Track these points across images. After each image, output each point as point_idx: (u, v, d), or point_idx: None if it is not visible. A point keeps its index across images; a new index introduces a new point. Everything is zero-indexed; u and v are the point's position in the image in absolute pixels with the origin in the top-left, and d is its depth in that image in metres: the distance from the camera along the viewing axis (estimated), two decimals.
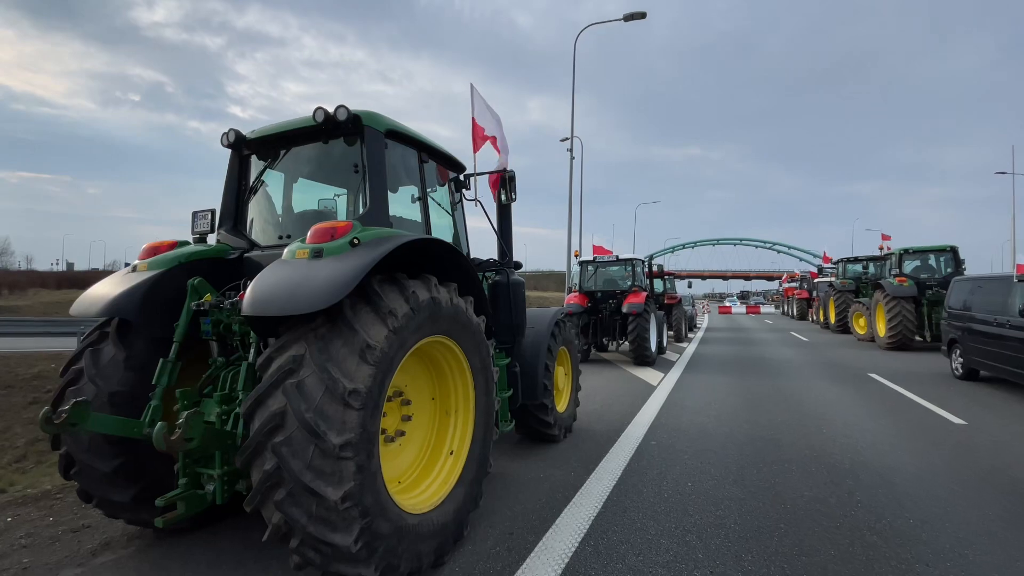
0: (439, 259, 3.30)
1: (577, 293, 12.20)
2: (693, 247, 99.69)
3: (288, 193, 3.88)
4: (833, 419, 6.28)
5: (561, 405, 5.42)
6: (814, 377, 9.52)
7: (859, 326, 16.75)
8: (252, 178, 3.82)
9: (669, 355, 13.11)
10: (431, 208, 3.97)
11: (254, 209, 3.84)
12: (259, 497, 2.36)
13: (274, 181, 3.88)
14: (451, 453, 3.31)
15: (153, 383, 2.88)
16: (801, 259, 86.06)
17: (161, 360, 2.91)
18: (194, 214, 3.71)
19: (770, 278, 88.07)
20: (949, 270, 13.91)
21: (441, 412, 3.42)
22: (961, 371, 8.96)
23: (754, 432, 5.66)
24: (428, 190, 3.96)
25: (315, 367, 2.32)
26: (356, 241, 2.65)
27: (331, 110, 3.24)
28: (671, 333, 17.11)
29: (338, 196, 3.91)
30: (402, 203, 3.88)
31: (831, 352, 13.61)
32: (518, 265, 4.89)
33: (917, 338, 13.58)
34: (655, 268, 15.71)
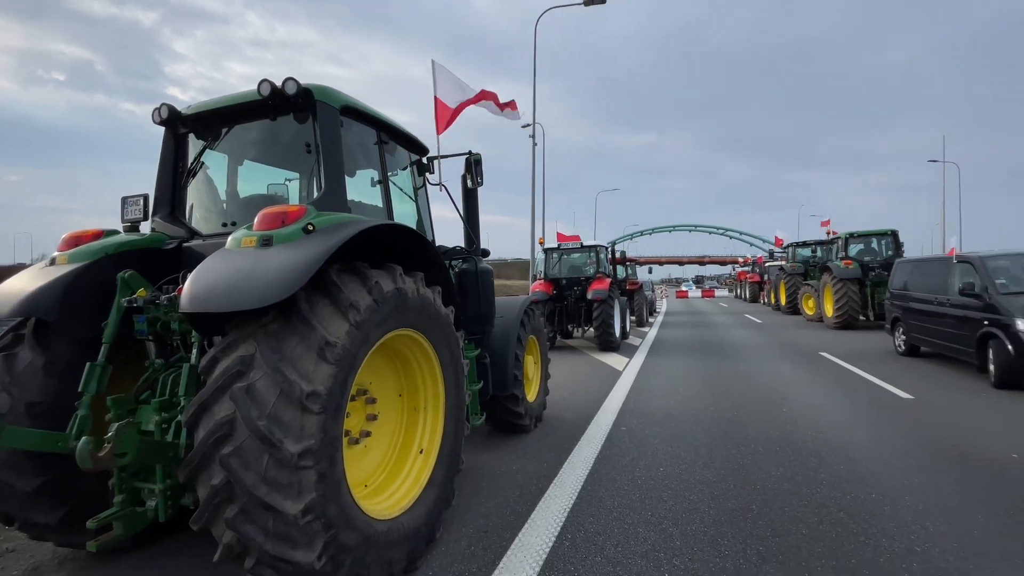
0: (403, 247, 3.09)
1: (543, 281, 12.15)
2: (651, 234, 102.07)
3: (233, 176, 3.54)
4: (792, 398, 6.48)
5: (531, 395, 5.32)
6: (770, 358, 9.85)
7: (808, 307, 17.53)
8: (190, 160, 3.46)
9: (632, 340, 13.31)
10: (393, 193, 3.73)
11: (194, 194, 3.49)
12: (207, 515, 2.12)
13: (216, 163, 3.54)
14: (421, 452, 3.14)
15: (80, 390, 2.55)
16: (751, 244, 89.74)
17: (88, 364, 2.58)
18: (124, 200, 3.33)
19: (723, 263, 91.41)
20: (890, 252, 14.70)
21: (409, 409, 3.24)
22: (904, 348, 9.48)
23: (719, 414, 5.75)
24: (389, 173, 3.71)
25: (267, 368, 2.09)
26: (310, 227, 2.41)
27: (279, 83, 2.94)
28: (633, 318, 17.40)
29: (289, 181, 3.61)
30: (361, 187, 3.63)
31: (784, 333, 14.17)
32: (486, 253, 4.72)
33: (861, 317, 14.32)
34: (617, 254, 15.88)
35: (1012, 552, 2.78)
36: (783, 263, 22.12)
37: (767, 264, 27.08)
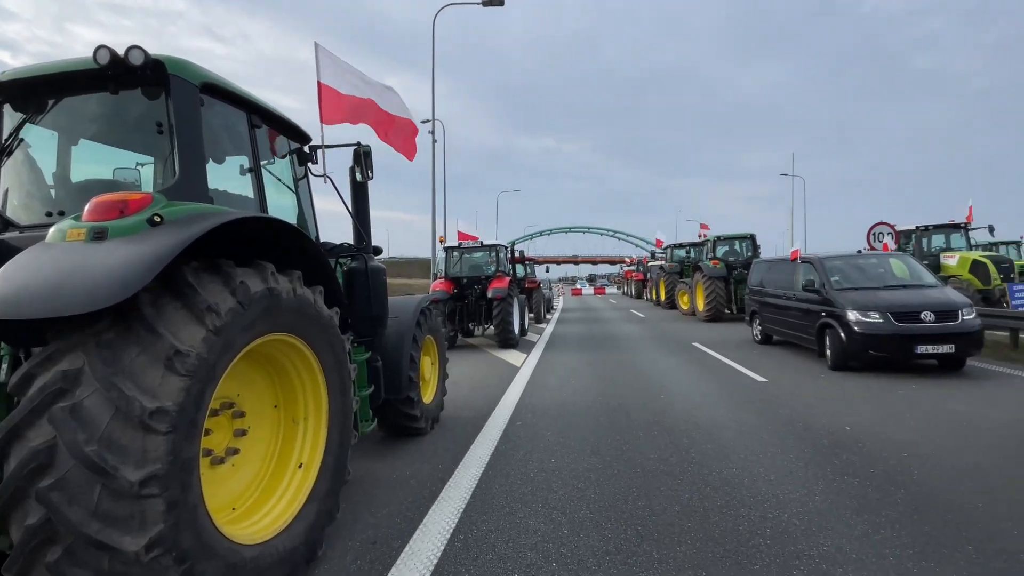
0: (279, 243, 2.83)
1: (443, 280, 12.01)
2: (549, 234, 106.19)
3: (64, 158, 2.99)
4: (669, 385, 7.09)
5: (428, 396, 5.21)
6: (651, 349, 10.71)
7: (683, 302, 19.37)
8: (6, 135, 2.86)
9: (531, 336, 13.69)
10: (269, 184, 3.41)
11: (10, 176, 2.89)
12: (22, 559, 1.76)
13: (42, 141, 2.96)
14: (300, 466, 2.90)
15: None
16: (637, 245, 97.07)
17: None
18: None
19: (613, 262, 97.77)
20: (749, 253, 16.81)
21: (287, 421, 2.98)
22: (759, 337, 10.83)
23: (607, 403, 6.11)
24: (265, 162, 3.38)
25: (98, 384, 1.77)
26: (158, 218, 2.10)
27: (121, 51, 2.53)
28: (532, 315, 17.92)
29: (142, 165, 3.13)
30: (229, 177, 3.26)
31: (663, 326, 15.52)
32: (378, 250, 4.51)
33: (726, 311, 16.15)
34: (516, 254, 16.23)
35: (844, 510, 3.26)
36: (663, 263, 24.22)
37: (650, 264, 29.48)
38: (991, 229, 16.69)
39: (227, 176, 3.21)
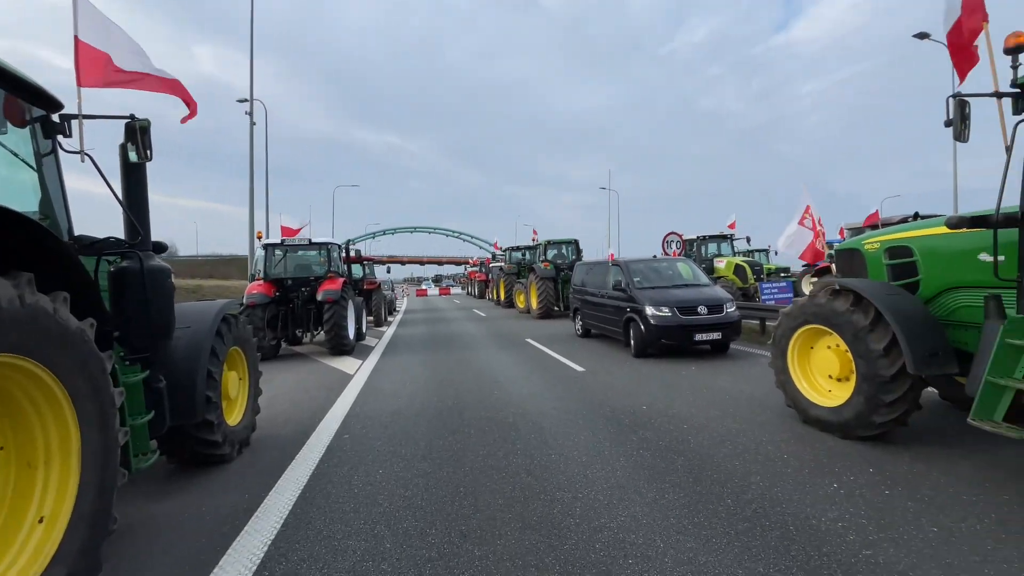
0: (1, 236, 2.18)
1: (262, 281, 10.70)
2: (393, 233, 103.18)
3: None
4: (503, 380, 7.40)
5: (234, 417, 4.58)
6: (490, 346, 11.10)
7: (520, 301, 20.56)
8: None
9: (369, 341, 13.08)
10: None
11: None
12: None
13: None
14: (41, 521, 2.28)
15: None
16: (480, 247, 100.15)
17: None
18: None
19: (458, 263, 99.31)
20: (573, 256, 18.61)
21: (19, 466, 2.31)
22: (581, 332, 12.01)
23: (442, 404, 6.11)
24: None
25: None
26: None
27: None
28: (371, 318, 17.15)
29: None
30: None
31: (502, 324, 16.24)
32: (160, 247, 3.80)
33: (556, 308, 17.60)
34: (353, 253, 15.34)
35: (639, 480, 3.73)
36: (503, 264, 25.42)
37: (492, 265, 30.68)
38: (748, 239, 21.58)
39: None
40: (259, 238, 12.83)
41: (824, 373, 4.84)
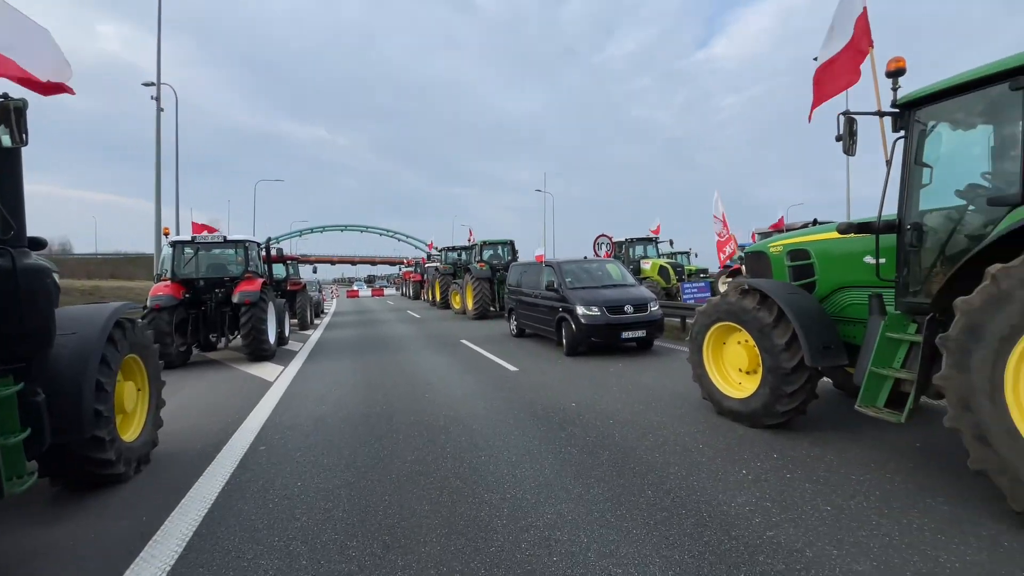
0: None
1: (169, 282, 9.80)
2: (322, 232, 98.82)
3: None
4: (435, 383, 7.28)
5: (131, 432, 4.14)
6: (422, 349, 10.89)
7: (456, 302, 20.37)
8: None
9: (292, 345, 12.40)
10: None
11: None
12: None
13: None
14: None
15: None
16: (416, 247, 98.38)
17: None
18: None
19: (392, 263, 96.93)
20: (509, 257, 18.69)
21: None
22: (516, 331, 12.09)
23: (370, 409, 5.90)
24: None
25: None
26: None
27: None
28: (295, 321, 16.29)
29: None
30: None
31: (436, 325, 16.00)
32: (37, 243, 3.36)
33: (492, 309, 17.61)
34: (274, 252, 14.48)
35: (566, 477, 3.78)
36: (438, 265, 25.08)
37: (427, 265, 30.18)
38: (671, 242, 22.92)
39: None
40: (166, 235, 11.76)
41: (735, 367, 5.18)
